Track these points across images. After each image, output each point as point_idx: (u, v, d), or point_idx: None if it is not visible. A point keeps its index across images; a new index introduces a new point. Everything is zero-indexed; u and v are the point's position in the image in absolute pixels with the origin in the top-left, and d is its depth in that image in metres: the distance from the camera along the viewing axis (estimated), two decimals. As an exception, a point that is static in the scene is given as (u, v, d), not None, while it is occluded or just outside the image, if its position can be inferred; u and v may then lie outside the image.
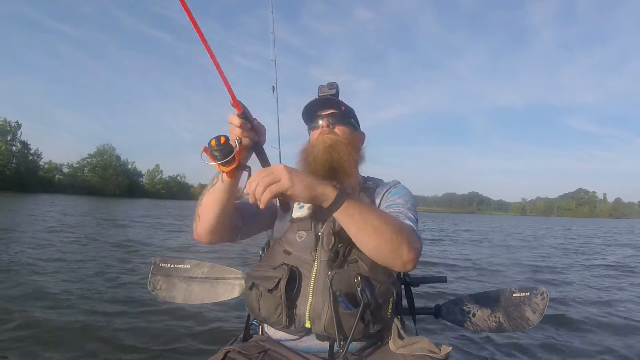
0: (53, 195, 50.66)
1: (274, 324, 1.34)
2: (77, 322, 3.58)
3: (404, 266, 1.21)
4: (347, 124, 1.54)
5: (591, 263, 9.64)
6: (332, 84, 1.53)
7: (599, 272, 8.11)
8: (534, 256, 10.48)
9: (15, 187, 58.95)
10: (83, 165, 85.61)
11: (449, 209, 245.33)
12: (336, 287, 1.25)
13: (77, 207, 24.28)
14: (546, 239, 18.10)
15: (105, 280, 5.22)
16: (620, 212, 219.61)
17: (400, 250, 1.18)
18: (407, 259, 1.19)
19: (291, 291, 1.30)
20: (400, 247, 1.18)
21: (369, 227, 1.17)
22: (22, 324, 3.37)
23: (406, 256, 1.19)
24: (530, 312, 1.69)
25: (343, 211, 1.16)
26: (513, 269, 7.90)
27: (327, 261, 1.30)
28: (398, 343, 1.30)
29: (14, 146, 70.34)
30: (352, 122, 1.57)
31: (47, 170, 78.89)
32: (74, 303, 4.11)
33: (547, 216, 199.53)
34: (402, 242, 1.18)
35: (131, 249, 8.03)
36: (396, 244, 1.17)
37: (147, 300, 4.21)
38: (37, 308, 3.86)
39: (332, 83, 1.54)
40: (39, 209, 19.03)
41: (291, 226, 1.42)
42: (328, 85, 1.54)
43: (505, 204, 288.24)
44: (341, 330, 1.24)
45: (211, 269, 1.95)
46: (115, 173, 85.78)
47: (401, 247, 1.18)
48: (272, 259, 1.39)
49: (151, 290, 1.95)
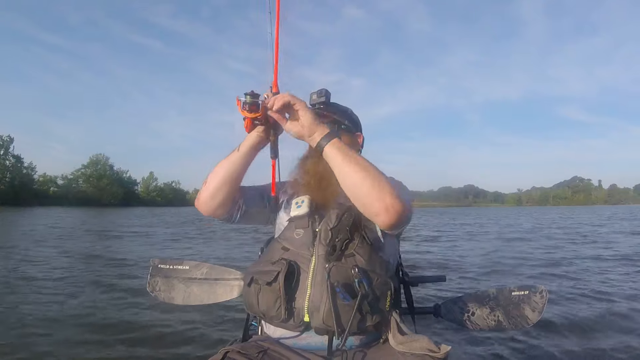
0: (48, 208, 50.43)
1: (273, 318, 1.35)
2: (77, 322, 3.62)
3: (386, 211, 1.22)
4: (339, 130, 1.53)
5: (599, 254, 9.59)
6: (321, 92, 1.50)
7: (601, 265, 8.06)
8: (534, 249, 10.46)
9: (10, 201, 58.85)
10: (77, 176, 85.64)
11: (445, 203, 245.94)
12: (334, 279, 1.28)
13: (67, 219, 24.14)
14: (544, 230, 18.18)
15: (103, 284, 5.25)
16: (616, 198, 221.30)
17: (382, 190, 1.21)
18: (389, 202, 1.21)
19: (290, 285, 1.32)
20: (382, 187, 1.21)
21: (354, 162, 1.24)
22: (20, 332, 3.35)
23: (388, 200, 1.21)
24: (530, 311, 1.69)
25: (333, 145, 1.26)
26: (516, 266, 7.85)
27: (324, 255, 1.33)
28: (398, 338, 1.30)
29: (7, 160, 70.14)
30: (345, 127, 1.57)
31: (42, 183, 78.91)
32: (73, 303, 4.16)
33: (543, 206, 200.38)
34: (385, 184, 1.22)
35: (126, 257, 7.99)
36: (378, 182, 1.22)
37: (146, 301, 4.22)
38: (37, 307, 3.88)
39: (321, 91, 1.51)
40: (30, 223, 18.93)
41: (289, 224, 1.47)
42: (317, 94, 1.51)
43: (501, 195, 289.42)
44: (339, 322, 1.26)
45: (210, 270, 1.95)
46: (110, 182, 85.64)
47: (383, 187, 1.21)
48: (271, 255, 1.42)
49: (150, 291, 1.95)
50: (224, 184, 1.44)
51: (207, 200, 1.47)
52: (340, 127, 1.55)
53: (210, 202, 1.47)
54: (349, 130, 1.58)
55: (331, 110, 1.56)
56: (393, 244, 1.51)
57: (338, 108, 1.61)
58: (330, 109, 1.56)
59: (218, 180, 1.44)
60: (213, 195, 1.46)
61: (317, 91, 1.51)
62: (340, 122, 1.56)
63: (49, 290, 4.97)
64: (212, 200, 1.47)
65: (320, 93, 1.50)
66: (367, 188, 1.22)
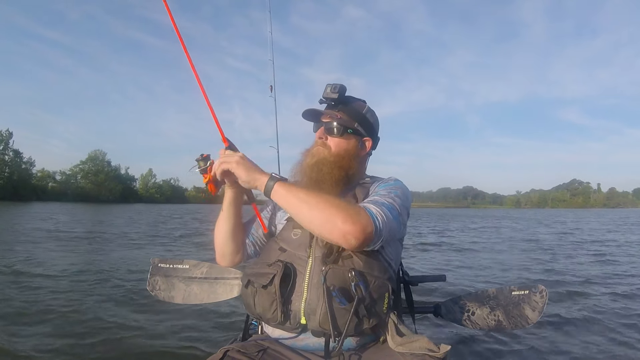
0: (46, 203, 50.31)
1: (269, 320, 1.35)
2: (76, 322, 3.59)
3: (344, 238, 1.21)
4: (343, 134, 1.49)
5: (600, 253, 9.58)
6: (336, 87, 1.46)
7: (604, 266, 8.03)
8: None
9: (9, 196, 58.70)
10: (75, 172, 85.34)
11: (444, 204, 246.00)
12: (330, 282, 1.26)
13: (61, 215, 23.95)
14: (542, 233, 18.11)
15: (103, 283, 5.21)
16: (615, 202, 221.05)
17: (334, 222, 1.20)
18: (345, 230, 1.20)
19: (286, 287, 1.31)
20: (333, 219, 1.21)
21: (300, 203, 1.26)
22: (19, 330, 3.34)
23: (342, 228, 1.20)
24: (530, 310, 1.69)
25: (275, 192, 1.28)
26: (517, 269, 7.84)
27: (321, 257, 1.32)
28: (397, 340, 1.30)
29: (7, 155, 70.00)
30: (353, 130, 1.50)
31: (40, 179, 78.73)
32: (72, 304, 4.11)
33: (542, 208, 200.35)
34: (335, 214, 1.21)
35: (125, 257, 7.99)
36: (328, 216, 1.21)
37: (146, 300, 4.20)
38: (28, 306, 3.88)
39: (335, 86, 1.47)
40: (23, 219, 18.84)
41: (287, 224, 1.46)
42: (332, 88, 1.47)
43: (500, 197, 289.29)
44: (335, 326, 1.25)
45: (210, 269, 1.96)
46: (108, 179, 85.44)
47: (334, 218, 1.20)
48: (268, 256, 1.42)
49: (150, 290, 1.95)
50: (226, 241, 1.55)
51: (221, 260, 1.61)
52: (346, 131, 1.49)
53: (224, 260, 1.60)
54: (356, 133, 1.51)
55: (341, 109, 1.50)
56: (395, 246, 1.46)
57: (351, 106, 1.53)
58: (340, 108, 1.51)
59: (219, 241, 1.56)
60: (223, 253, 1.58)
61: (332, 85, 1.47)
62: (347, 126, 1.49)
63: (43, 288, 4.91)
64: (224, 258, 1.59)
65: (334, 88, 1.47)
66: (318, 222, 1.23)
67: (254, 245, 1.61)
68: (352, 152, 1.50)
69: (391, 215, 1.30)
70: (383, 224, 1.26)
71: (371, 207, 1.28)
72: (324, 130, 1.51)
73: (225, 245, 1.56)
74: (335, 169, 1.44)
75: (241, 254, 1.59)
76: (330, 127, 1.50)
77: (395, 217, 1.32)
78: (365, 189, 1.47)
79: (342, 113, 1.50)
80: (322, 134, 1.51)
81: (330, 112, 1.51)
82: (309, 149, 1.53)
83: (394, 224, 1.31)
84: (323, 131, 1.51)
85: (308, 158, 1.49)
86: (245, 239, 1.60)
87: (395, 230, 1.35)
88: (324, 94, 1.48)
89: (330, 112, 1.51)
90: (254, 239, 1.61)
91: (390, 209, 1.32)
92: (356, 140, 1.52)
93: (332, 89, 1.46)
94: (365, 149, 1.56)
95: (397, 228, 1.35)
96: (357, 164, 1.52)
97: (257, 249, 1.61)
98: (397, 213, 1.34)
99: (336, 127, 1.48)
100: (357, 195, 1.45)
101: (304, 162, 1.50)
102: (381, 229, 1.25)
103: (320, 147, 1.50)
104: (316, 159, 1.47)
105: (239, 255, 1.59)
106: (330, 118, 1.50)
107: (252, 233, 1.61)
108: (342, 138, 1.49)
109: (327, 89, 1.47)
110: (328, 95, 1.48)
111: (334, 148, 1.49)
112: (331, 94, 1.47)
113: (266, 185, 1.30)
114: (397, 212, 1.34)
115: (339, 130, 1.49)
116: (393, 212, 1.32)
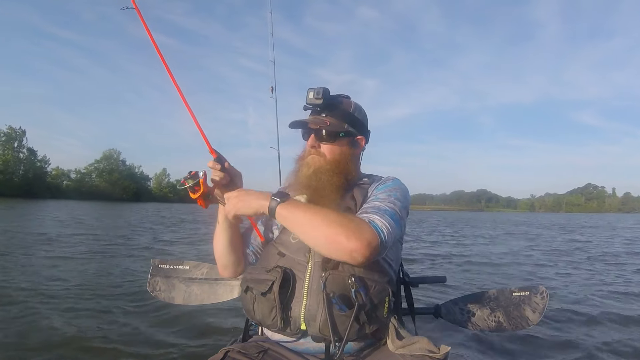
0: (60, 201, 50.97)
1: (269, 326, 1.34)
2: (76, 322, 3.60)
3: (350, 256, 1.17)
4: (335, 139, 1.44)
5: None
6: (319, 92, 1.39)
7: (604, 268, 7.97)
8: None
9: (23, 193, 59.65)
10: (90, 170, 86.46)
11: (457, 207, 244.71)
12: (330, 289, 1.24)
13: (69, 212, 24.08)
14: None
15: (103, 283, 5.23)
16: (630, 207, 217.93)
17: (339, 241, 1.16)
18: (351, 247, 1.15)
19: (285, 293, 1.29)
20: (338, 238, 1.16)
21: (304, 223, 1.21)
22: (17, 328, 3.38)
23: (347, 246, 1.15)
24: (530, 312, 1.68)
25: (278, 215, 1.23)
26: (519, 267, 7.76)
27: (321, 262, 1.29)
28: (397, 343, 1.29)
29: (22, 153, 71.16)
30: (345, 132, 1.45)
31: (55, 177, 79.85)
32: (71, 304, 4.14)
33: (556, 212, 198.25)
34: (339, 233, 1.16)
35: (129, 253, 8.07)
36: (333, 235, 1.17)
37: (146, 301, 4.21)
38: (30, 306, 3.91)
39: (319, 90, 1.39)
40: (36, 216, 19.10)
41: (285, 228, 1.41)
42: (315, 94, 1.39)
43: (513, 200, 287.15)
44: (336, 332, 1.24)
45: (210, 270, 1.97)
46: (122, 177, 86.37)
47: (339, 237, 1.16)
48: (267, 261, 1.39)
49: (151, 291, 1.96)
50: (225, 254, 1.52)
51: (223, 271, 1.58)
52: (337, 135, 1.44)
53: (227, 272, 1.58)
54: (348, 135, 1.46)
55: (328, 114, 1.45)
56: (395, 247, 1.43)
57: (338, 108, 1.47)
58: (327, 112, 1.45)
59: (219, 254, 1.53)
60: (224, 265, 1.56)
61: (315, 90, 1.40)
62: (337, 130, 1.44)
63: (44, 287, 4.97)
64: (226, 269, 1.57)
65: (317, 93, 1.39)
66: (322, 243, 1.19)
67: (254, 255, 1.58)
68: (347, 155, 1.46)
69: (394, 222, 1.27)
70: (388, 235, 1.22)
71: (374, 219, 1.24)
72: (315, 138, 1.45)
73: (225, 258, 1.53)
74: (335, 175, 1.40)
75: (243, 264, 1.57)
76: (320, 134, 1.44)
77: (397, 222, 1.29)
78: (363, 190, 1.44)
79: (329, 118, 1.44)
80: (314, 142, 1.45)
81: (317, 118, 1.45)
82: (302, 158, 1.49)
83: (397, 230, 1.28)
84: (314, 139, 1.45)
85: (304, 168, 1.44)
86: (246, 249, 1.57)
87: (398, 235, 1.33)
88: (307, 100, 1.41)
89: (317, 119, 1.44)
90: (254, 247, 1.58)
91: (392, 215, 1.29)
92: (349, 141, 1.48)
93: (316, 94, 1.39)
94: (360, 147, 1.53)
95: (399, 233, 1.33)
96: (354, 165, 1.49)
97: (258, 258, 1.57)
98: (399, 217, 1.32)
99: (326, 133, 1.43)
100: (356, 197, 1.41)
101: (299, 172, 1.46)
102: (386, 240, 1.22)
103: (315, 156, 1.44)
104: (313, 169, 1.42)
105: (241, 266, 1.56)
106: (319, 125, 1.43)
107: (251, 242, 1.58)
108: (334, 144, 1.44)
109: (310, 94, 1.40)
110: (312, 102, 1.41)
111: (329, 155, 1.44)
112: (315, 100, 1.40)
113: (269, 210, 1.25)
114: (399, 217, 1.32)
115: (330, 136, 1.43)
116: (395, 218, 1.29)
